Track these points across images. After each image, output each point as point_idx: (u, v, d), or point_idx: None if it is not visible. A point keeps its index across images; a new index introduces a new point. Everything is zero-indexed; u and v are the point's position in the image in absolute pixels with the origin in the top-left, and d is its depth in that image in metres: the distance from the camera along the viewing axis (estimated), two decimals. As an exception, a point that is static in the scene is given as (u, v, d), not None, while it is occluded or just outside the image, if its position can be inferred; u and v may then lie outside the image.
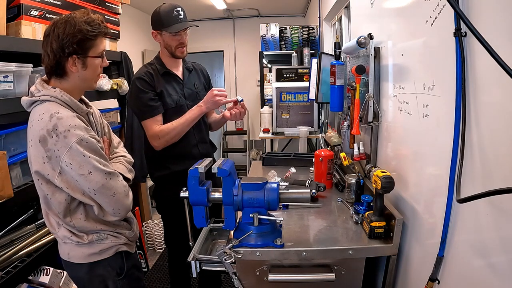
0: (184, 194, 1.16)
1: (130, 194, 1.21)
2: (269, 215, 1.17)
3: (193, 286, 2.34)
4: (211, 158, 1.21)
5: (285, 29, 3.75)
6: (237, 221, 1.19)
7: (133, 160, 1.35)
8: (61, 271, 1.62)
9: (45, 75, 1.15)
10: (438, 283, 0.98)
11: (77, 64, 1.10)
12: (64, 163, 1.04)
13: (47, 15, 1.66)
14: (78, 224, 1.14)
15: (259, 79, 3.92)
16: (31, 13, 1.58)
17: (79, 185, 1.08)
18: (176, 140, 1.70)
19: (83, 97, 1.25)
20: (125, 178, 1.22)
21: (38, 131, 1.04)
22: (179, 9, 1.63)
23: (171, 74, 1.75)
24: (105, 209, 1.14)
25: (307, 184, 1.67)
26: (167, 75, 1.74)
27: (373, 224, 1.19)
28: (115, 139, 1.39)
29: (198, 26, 1.76)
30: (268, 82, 3.66)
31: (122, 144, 1.42)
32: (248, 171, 2.98)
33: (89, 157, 1.06)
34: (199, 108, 1.68)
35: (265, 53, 3.74)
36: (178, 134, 1.67)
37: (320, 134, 2.48)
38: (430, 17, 0.98)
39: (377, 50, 1.43)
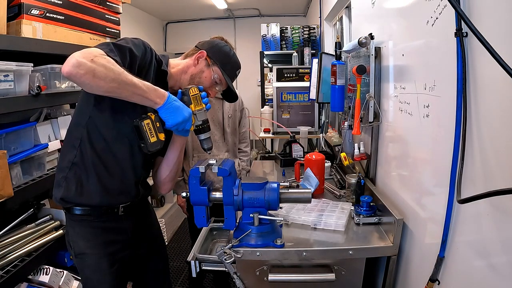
0: (184, 194, 1.16)
1: None
2: (270, 215, 1.17)
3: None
4: (211, 158, 1.20)
5: (286, 29, 3.75)
6: (237, 221, 1.19)
7: None
8: (61, 270, 1.62)
9: None
10: (439, 283, 0.98)
11: None
12: None
13: (47, 14, 1.66)
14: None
15: (259, 79, 3.92)
16: (32, 12, 1.57)
17: None
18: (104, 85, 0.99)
19: None
20: None
21: None
22: (239, 71, 1.53)
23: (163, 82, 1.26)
24: None
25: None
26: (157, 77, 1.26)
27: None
28: None
29: (235, 93, 1.51)
30: (269, 82, 3.66)
31: None
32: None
33: None
34: (153, 90, 1.09)
35: (265, 52, 3.74)
36: (110, 77, 0.98)
37: (321, 134, 2.48)
38: (431, 17, 0.98)
39: (378, 50, 1.43)
